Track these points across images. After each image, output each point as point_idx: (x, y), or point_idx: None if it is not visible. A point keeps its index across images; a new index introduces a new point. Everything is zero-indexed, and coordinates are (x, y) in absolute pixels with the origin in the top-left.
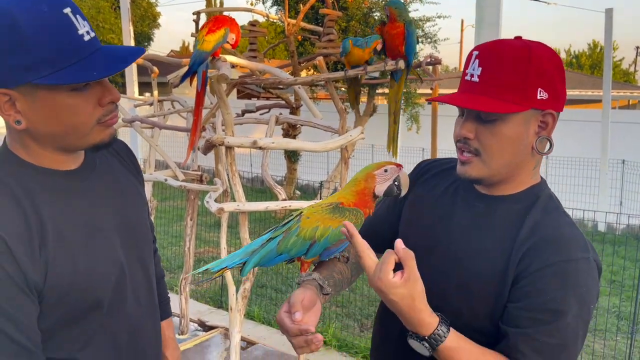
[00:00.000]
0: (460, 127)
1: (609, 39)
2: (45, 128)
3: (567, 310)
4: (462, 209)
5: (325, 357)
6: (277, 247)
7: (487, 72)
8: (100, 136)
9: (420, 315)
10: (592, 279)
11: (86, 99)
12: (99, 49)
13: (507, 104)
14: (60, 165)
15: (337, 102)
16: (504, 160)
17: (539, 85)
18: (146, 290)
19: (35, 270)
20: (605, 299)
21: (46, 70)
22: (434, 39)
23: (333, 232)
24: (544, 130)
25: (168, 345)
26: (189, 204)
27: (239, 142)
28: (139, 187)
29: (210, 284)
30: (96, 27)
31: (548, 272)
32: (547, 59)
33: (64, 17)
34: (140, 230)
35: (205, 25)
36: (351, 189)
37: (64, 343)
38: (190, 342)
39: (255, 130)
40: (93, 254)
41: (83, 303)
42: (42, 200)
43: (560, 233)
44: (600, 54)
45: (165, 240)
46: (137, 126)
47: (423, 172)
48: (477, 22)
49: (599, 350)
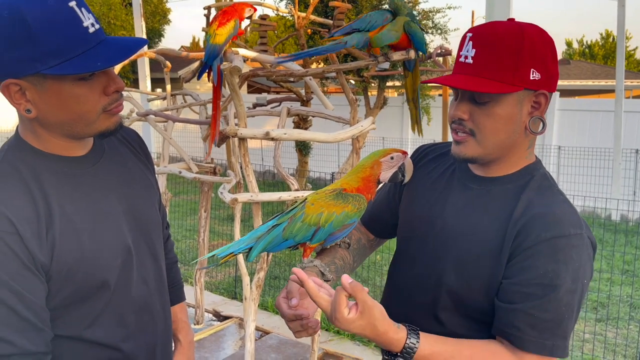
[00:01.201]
0: (454, 108)
1: (622, 28)
2: (53, 116)
3: (561, 284)
4: (457, 190)
5: (339, 346)
6: (283, 233)
7: (481, 54)
8: (106, 124)
9: (386, 337)
10: (585, 255)
11: (92, 88)
12: (104, 40)
13: (501, 85)
14: (69, 152)
15: (348, 93)
16: (498, 140)
17: (532, 65)
18: (154, 273)
19: (42, 250)
20: (618, 288)
21: (54, 60)
22: (444, 30)
23: (337, 218)
24: (537, 110)
25: (181, 328)
26: (203, 196)
27: (251, 133)
28: (148, 173)
29: (224, 275)
30: (107, 24)
31: (541, 248)
32: (539, 40)
33: (69, 10)
34: (149, 214)
35: (215, 19)
36: (357, 175)
37: (72, 321)
38: (206, 331)
39: (267, 123)
40: (99, 236)
41: (90, 283)
42: (50, 184)
43: (553, 210)
44: (613, 43)
45: (179, 234)
46: (151, 120)
47: (421, 156)
48: (487, 14)
49: (612, 338)
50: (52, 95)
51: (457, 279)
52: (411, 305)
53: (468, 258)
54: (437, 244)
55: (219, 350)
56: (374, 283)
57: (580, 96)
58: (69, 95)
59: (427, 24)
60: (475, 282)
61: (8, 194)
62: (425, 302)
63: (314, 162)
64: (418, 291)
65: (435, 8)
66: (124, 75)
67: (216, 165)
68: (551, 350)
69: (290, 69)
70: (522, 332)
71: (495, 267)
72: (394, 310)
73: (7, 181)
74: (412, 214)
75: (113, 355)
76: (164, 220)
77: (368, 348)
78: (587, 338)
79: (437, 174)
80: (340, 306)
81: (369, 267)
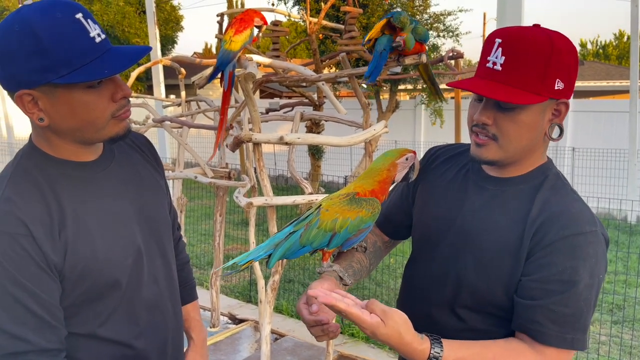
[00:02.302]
0: (479, 113)
1: (635, 27)
2: (65, 123)
3: (579, 280)
4: (473, 191)
5: (354, 349)
6: (300, 239)
7: (511, 62)
8: (116, 129)
9: (411, 347)
10: (600, 251)
11: (100, 95)
12: (110, 49)
13: (529, 95)
14: (80, 157)
15: (361, 97)
16: (519, 146)
17: (558, 76)
18: (164, 273)
19: (55, 251)
20: (634, 290)
21: (63, 70)
22: (455, 33)
23: (352, 224)
24: (557, 118)
25: (194, 327)
26: (218, 201)
27: (266, 138)
28: (157, 176)
29: (239, 279)
30: (122, 32)
31: (560, 245)
32: (566, 50)
33: (76, 22)
34: (159, 216)
35: (232, 26)
36: (373, 179)
37: (86, 319)
38: (222, 334)
39: (280, 128)
40: (111, 237)
41: (102, 282)
42: (63, 188)
43: (569, 209)
44: (627, 43)
45: (194, 238)
46: (167, 126)
47: (433, 158)
48: (498, 15)
49: (628, 340)
50: (63, 104)
51: (477, 277)
52: (430, 304)
53: (487, 257)
54: (455, 243)
55: (235, 352)
56: (387, 286)
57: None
58: (79, 102)
59: (438, 27)
60: (495, 280)
61: (21, 197)
62: (444, 300)
63: (326, 165)
64: (436, 290)
65: (446, 11)
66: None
67: (231, 169)
68: (571, 343)
69: (303, 75)
70: (544, 327)
71: (514, 266)
72: (412, 309)
73: (20, 185)
74: (428, 214)
75: (126, 352)
76: (175, 222)
77: (383, 351)
78: (603, 340)
79: (451, 175)
80: (363, 315)
81: (383, 271)
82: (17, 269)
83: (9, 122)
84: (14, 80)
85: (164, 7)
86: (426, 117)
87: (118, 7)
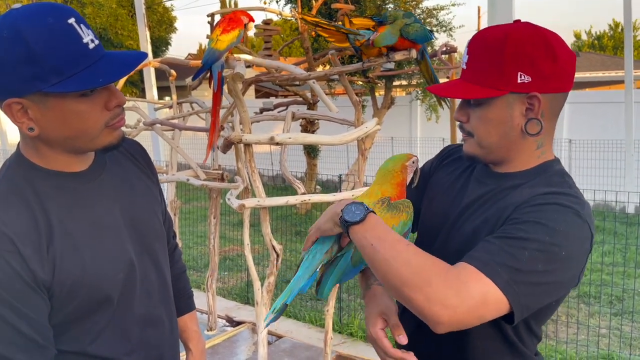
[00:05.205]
0: (456, 111)
1: (629, 17)
2: (56, 133)
3: (531, 234)
4: (473, 186)
5: (352, 349)
6: (352, 260)
7: (471, 59)
8: (109, 138)
9: None
10: (574, 230)
11: (93, 103)
12: (104, 56)
13: (485, 90)
14: (70, 168)
15: (352, 95)
16: (492, 141)
17: (518, 69)
18: (159, 286)
19: (43, 268)
20: (633, 281)
21: (55, 78)
22: (448, 27)
23: (397, 230)
24: (532, 112)
25: (192, 338)
26: (212, 203)
27: (256, 139)
28: (151, 185)
29: (236, 280)
30: (115, 34)
31: (527, 207)
32: (527, 41)
33: (69, 27)
34: (152, 227)
35: (220, 25)
36: (391, 182)
37: (76, 336)
38: (219, 337)
39: (274, 128)
40: (101, 251)
41: (92, 299)
42: (51, 201)
43: (554, 191)
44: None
45: (190, 240)
46: (157, 129)
47: (446, 156)
48: (489, 7)
49: (628, 332)
50: (55, 113)
51: None
52: None
53: (463, 245)
54: (443, 238)
55: (233, 355)
56: None
57: (591, 88)
58: (71, 112)
59: (431, 22)
60: None
61: (8, 211)
62: None
63: (322, 164)
64: None
65: (439, 5)
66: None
67: (224, 171)
68: (490, 270)
69: (293, 74)
70: (474, 251)
71: None
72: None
73: (7, 199)
74: (431, 211)
75: None
76: (170, 230)
77: None
78: (603, 333)
79: (458, 173)
80: None
81: None
82: (4, 288)
83: (2, 127)
84: (2, 89)
85: (156, 9)
86: (422, 113)
87: (111, 9)
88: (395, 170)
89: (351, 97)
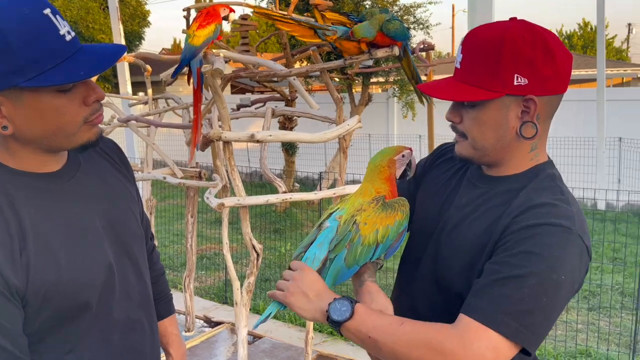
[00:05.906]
0: (448, 111)
1: (602, 15)
2: (31, 131)
3: (529, 268)
4: (465, 189)
5: (333, 348)
6: (345, 262)
7: (466, 59)
8: (87, 135)
9: None
10: (571, 250)
11: (71, 99)
12: (81, 49)
13: (479, 91)
14: (43, 168)
15: (333, 92)
16: (487, 143)
17: (515, 71)
18: (138, 288)
19: (16, 274)
20: (609, 277)
21: (31, 72)
22: (425, 25)
23: (392, 230)
24: (527, 115)
25: (172, 342)
26: (189, 201)
27: (236, 136)
28: (127, 184)
29: (214, 279)
30: (86, 28)
31: (523, 232)
32: (525, 42)
33: (45, 18)
34: (129, 227)
35: (196, 20)
36: (379, 178)
37: (54, 345)
38: (197, 338)
39: (252, 125)
40: (78, 255)
41: (70, 305)
42: (23, 204)
43: (547, 202)
44: (592, 33)
45: (167, 239)
46: (133, 125)
47: (439, 155)
48: (469, 5)
49: (605, 327)
50: (30, 109)
51: (448, 270)
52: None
53: (454, 251)
54: (434, 242)
55: (212, 357)
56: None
57: None
58: (48, 107)
59: (408, 19)
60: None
61: None
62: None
63: (300, 161)
64: (419, 290)
65: (416, 3)
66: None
67: (201, 169)
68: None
69: (273, 70)
70: (472, 299)
71: (476, 257)
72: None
73: None
74: (423, 211)
75: None
76: (148, 231)
77: (362, 349)
78: (580, 328)
79: (451, 173)
80: None
81: None
82: None
83: None
84: None
85: (129, 2)
86: (399, 110)
87: (81, 2)
88: (382, 165)
89: (332, 94)
